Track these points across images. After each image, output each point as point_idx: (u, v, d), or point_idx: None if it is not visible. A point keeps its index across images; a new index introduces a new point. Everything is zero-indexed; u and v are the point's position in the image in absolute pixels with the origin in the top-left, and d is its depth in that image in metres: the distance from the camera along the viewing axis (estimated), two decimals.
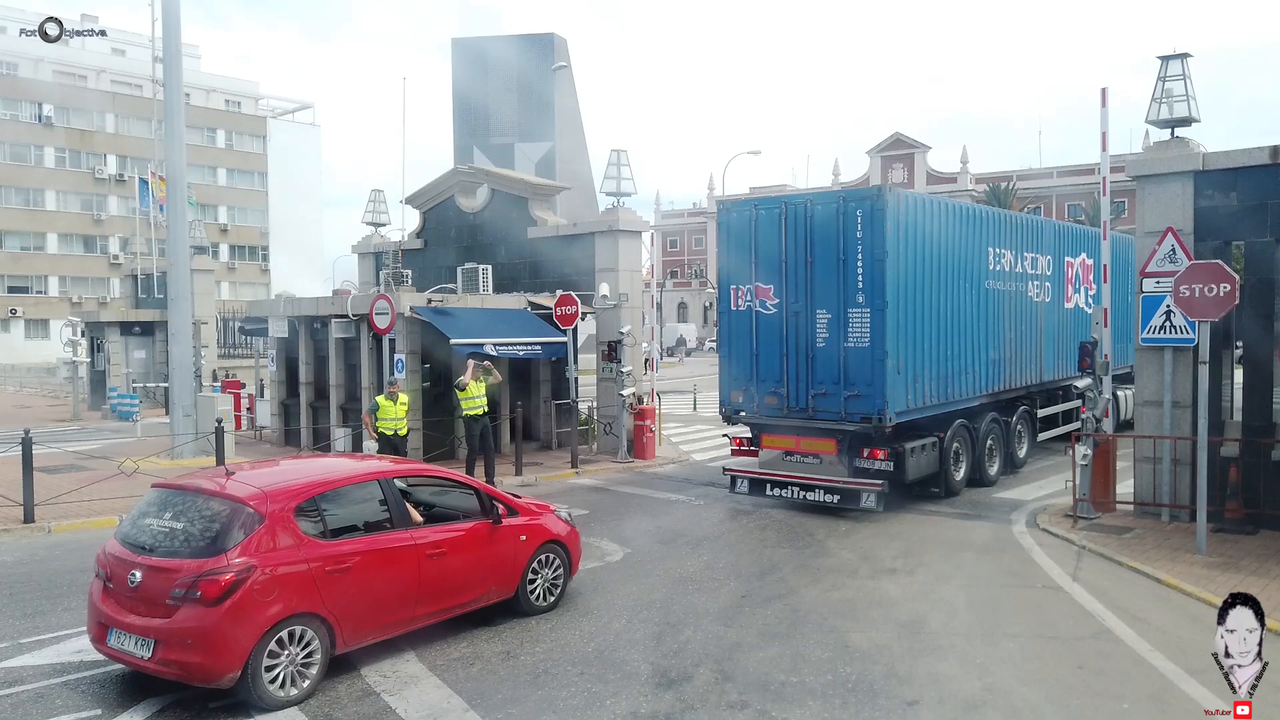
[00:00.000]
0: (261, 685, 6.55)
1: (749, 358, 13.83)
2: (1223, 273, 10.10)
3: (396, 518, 7.73)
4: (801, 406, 13.26)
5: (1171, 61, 12.15)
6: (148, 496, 7.48)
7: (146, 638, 6.51)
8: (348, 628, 7.09)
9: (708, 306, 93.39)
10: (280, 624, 6.65)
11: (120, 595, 6.79)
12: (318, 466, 8.71)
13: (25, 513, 12.48)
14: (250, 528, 6.74)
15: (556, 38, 62.04)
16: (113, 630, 6.75)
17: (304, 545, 6.95)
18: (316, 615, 6.88)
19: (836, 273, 12.84)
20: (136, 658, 6.58)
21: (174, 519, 7.06)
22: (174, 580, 6.52)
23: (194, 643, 6.39)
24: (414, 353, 17.68)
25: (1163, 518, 12.07)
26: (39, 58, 67.50)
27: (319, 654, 6.88)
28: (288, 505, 7.02)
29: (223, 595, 6.43)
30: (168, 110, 18.88)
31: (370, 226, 24.68)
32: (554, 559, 8.93)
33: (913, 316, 12.94)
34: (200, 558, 6.61)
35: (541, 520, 9.00)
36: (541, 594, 8.79)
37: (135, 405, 25.52)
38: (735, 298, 14.05)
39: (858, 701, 6.60)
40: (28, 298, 66.39)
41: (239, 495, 6.98)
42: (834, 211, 12.96)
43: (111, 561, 6.99)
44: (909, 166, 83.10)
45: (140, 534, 7.06)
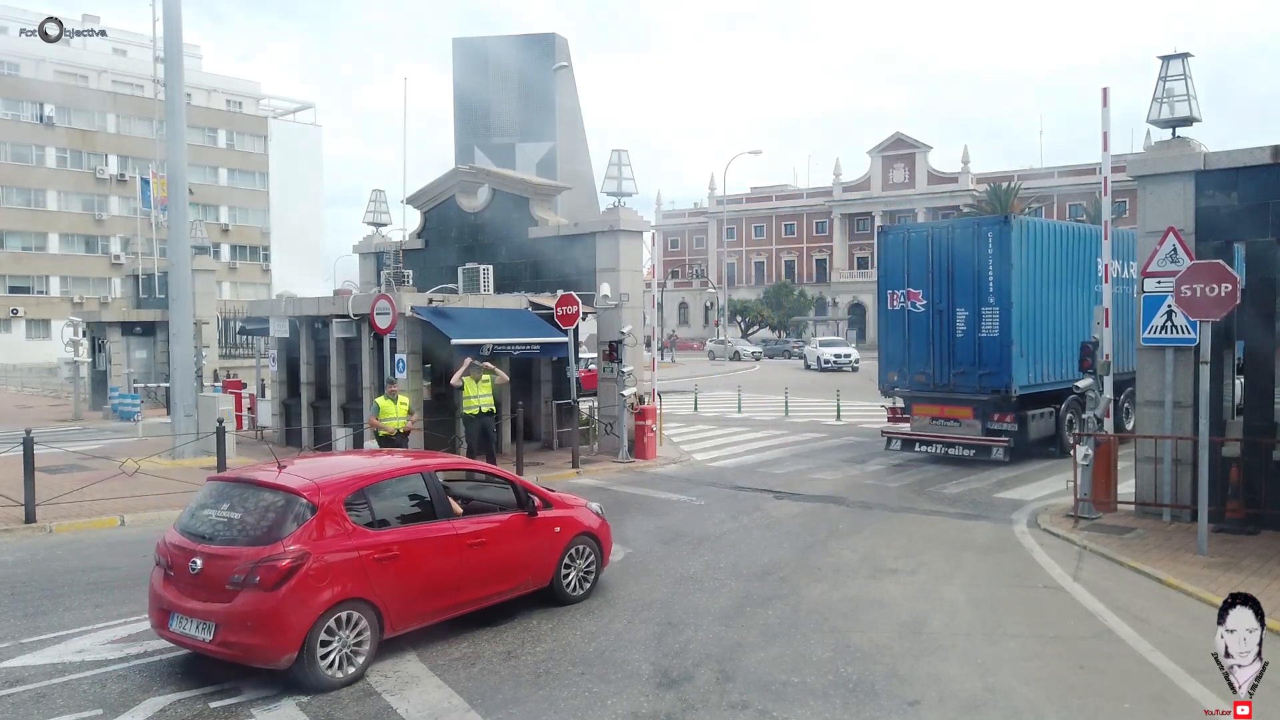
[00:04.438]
0: (316, 666, 6.86)
1: (902, 345, 17.73)
2: (1224, 272, 10.09)
3: (439, 509, 8.09)
4: (945, 382, 17.16)
5: (1172, 61, 12.15)
6: (204, 489, 7.85)
7: (208, 621, 6.82)
8: (395, 613, 7.41)
9: (708, 307, 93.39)
10: (333, 608, 6.97)
11: (181, 582, 7.12)
12: (364, 460, 9.00)
13: (26, 513, 12.48)
14: (304, 518, 7.10)
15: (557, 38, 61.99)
16: (174, 615, 7.06)
17: (353, 534, 7.31)
18: (366, 600, 7.20)
19: (972, 280, 16.59)
20: (198, 640, 6.89)
21: (231, 510, 7.44)
22: (234, 567, 6.85)
23: (253, 626, 6.70)
24: (415, 353, 17.68)
25: (1164, 518, 12.06)
26: (40, 58, 67.55)
27: (369, 637, 7.20)
28: (338, 496, 7.37)
29: (280, 581, 6.75)
30: (169, 110, 18.89)
31: (371, 226, 24.69)
32: (586, 550, 9.25)
33: (1032, 312, 16.46)
34: (258, 545, 6.94)
35: (574, 513, 9.36)
36: (575, 584, 9.10)
37: (136, 405, 25.54)
38: (890, 300, 17.96)
39: (859, 702, 6.60)
40: (29, 298, 66.44)
41: (293, 487, 7.32)
42: (970, 233, 16.93)
43: (172, 550, 7.31)
44: (910, 166, 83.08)
45: (199, 524, 7.43)
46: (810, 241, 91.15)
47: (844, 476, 16.49)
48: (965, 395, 16.90)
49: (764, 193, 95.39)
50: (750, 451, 19.81)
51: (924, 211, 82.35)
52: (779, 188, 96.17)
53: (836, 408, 26.49)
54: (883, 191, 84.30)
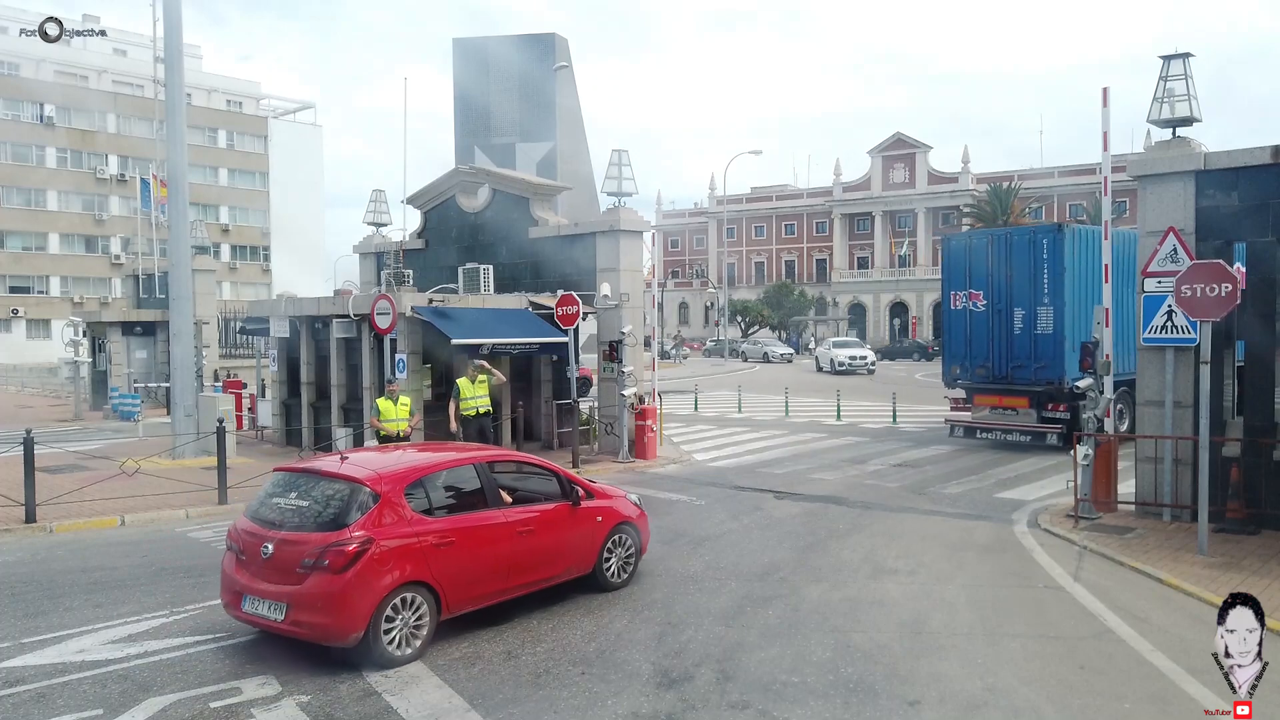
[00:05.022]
0: (380, 645, 7.28)
1: (964, 342, 19.53)
2: (1224, 272, 10.08)
3: (490, 498, 8.53)
4: (1003, 375, 18.92)
5: (1173, 61, 12.14)
6: (272, 479, 8.36)
7: (280, 602, 7.26)
8: (451, 595, 7.84)
9: (708, 307, 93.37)
10: (395, 591, 7.39)
11: (253, 566, 7.55)
12: (420, 452, 9.49)
13: (27, 513, 12.48)
14: (367, 506, 7.53)
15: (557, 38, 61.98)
16: (247, 597, 7.50)
17: (413, 521, 7.72)
18: (425, 583, 7.62)
19: (1029, 282, 18.27)
20: (270, 620, 7.35)
21: (299, 498, 7.92)
22: (304, 551, 7.29)
23: (323, 606, 7.14)
24: (415, 353, 17.68)
25: (1164, 518, 12.06)
26: (40, 58, 67.58)
27: (428, 618, 7.63)
28: (399, 485, 7.81)
29: (348, 564, 7.19)
30: (169, 110, 18.89)
31: (371, 226, 24.69)
32: (626, 539, 9.65)
33: (1083, 311, 17.33)
34: (325, 531, 7.40)
35: (614, 503, 9.75)
36: (616, 571, 9.50)
37: (137, 405, 25.52)
38: (953, 300, 19.90)
39: (859, 701, 6.59)
40: (29, 298, 66.45)
41: (357, 477, 7.77)
42: (1027, 240, 18.67)
43: (243, 536, 7.76)
44: (910, 166, 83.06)
45: (269, 511, 7.87)
46: (810, 241, 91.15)
47: (844, 476, 16.49)
48: (1022, 387, 18.57)
49: (764, 193, 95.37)
50: (750, 451, 19.80)
51: (924, 212, 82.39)
52: (779, 188, 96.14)
53: (836, 408, 26.48)
54: (883, 191, 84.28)
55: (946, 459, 18.39)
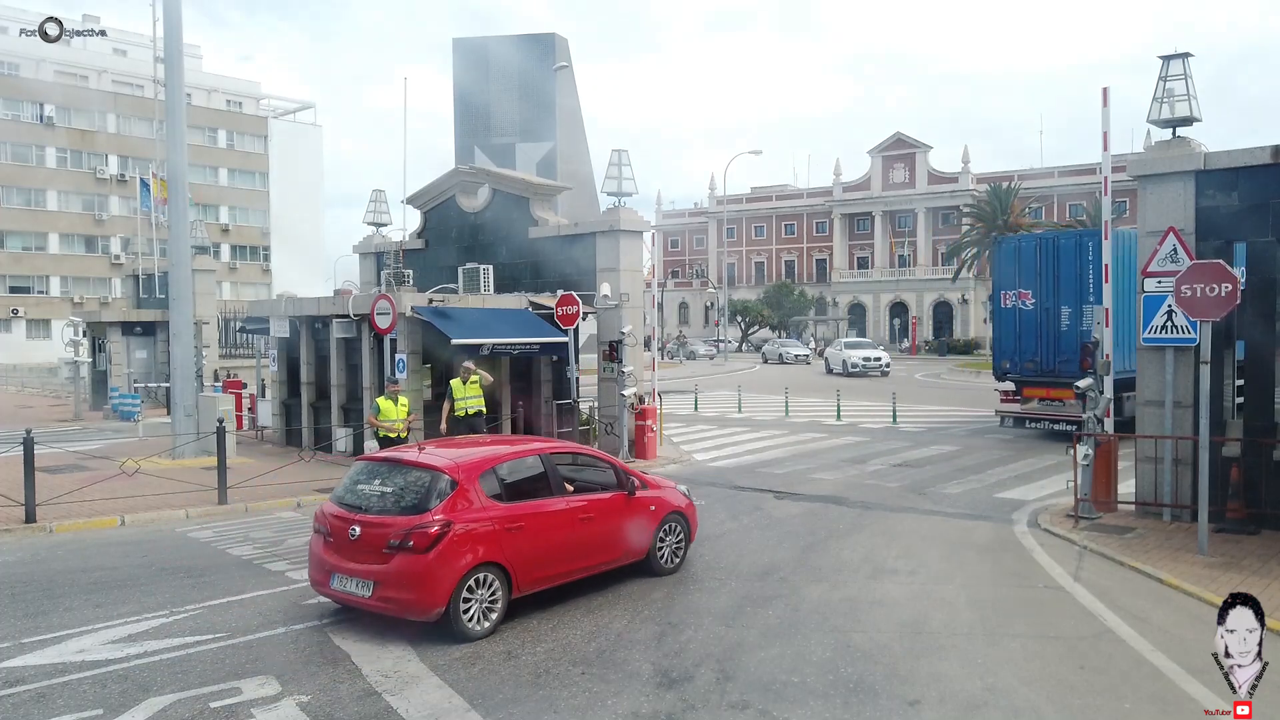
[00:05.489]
0: (459, 620, 7.83)
1: (1014, 338, 20.82)
2: (1224, 272, 10.08)
3: (554, 486, 9.06)
4: (1050, 369, 20.04)
5: (1173, 61, 12.14)
6: (355, 467, 8.99)
7: (367, 580, 7.86)
8: (521, 576, 8.37)
9: (708, 307, 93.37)
10: (472, 570, 7.94)
11: (340, 547, 8.15)
12: (491, 444, 9.98)
13: (27, 513, 12.47)
14: (446, 492, 8.12)
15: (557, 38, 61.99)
16: (335, 575, 8.11)
17: (487, 507, 8.30)
18: (498, 564, 8.17)
19: (1075, 282, 19.34)
20: (358, 596, 7.94)
21: (383, 484, 8.51)
22: (389, 533, 7.89)
23: (408, 583, 7.73)
24: (415, 353, 17.68)
25: (1164, 517, 12.06)
26: (40, 58, 67.59)
27: (501, 597, 8.18)
28: (474, 473, 8.39)
29: (431, 545, 7.77)
30: (169, 110, 18.89)
31: (371, 226, 24.69)
32: (677, 527, 10.21)
33: (1127, 310, 17.23)
34: (409, 515, 7.98)
35: (665, 493, 10.33)
36: (668, 557, 10.05)
37: (137, 405, 25.52)
38: (1003, 299, 21.30)
39: (859, 701, 6.59)
40: (29, 298, 66.45)
41: (437, 465, 8.35)
42: (1074, 243, 19.83)
43: (331, 519, 8.36)
44: (910, 166, 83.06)
45: (354, 497, 8.50)
46: (810, 241, 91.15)
47: (844, 476, 16.48)
48: (1068, 380, 18.70)
49: (764, 193, 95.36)
50: (750, 451, 19.80)
51: (924, 212, 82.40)
52: (779, 188, 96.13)
53: (836, 408, 26.48)
54: (883, 191, 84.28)
55: (946, 459, 18.38)
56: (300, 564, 10.48)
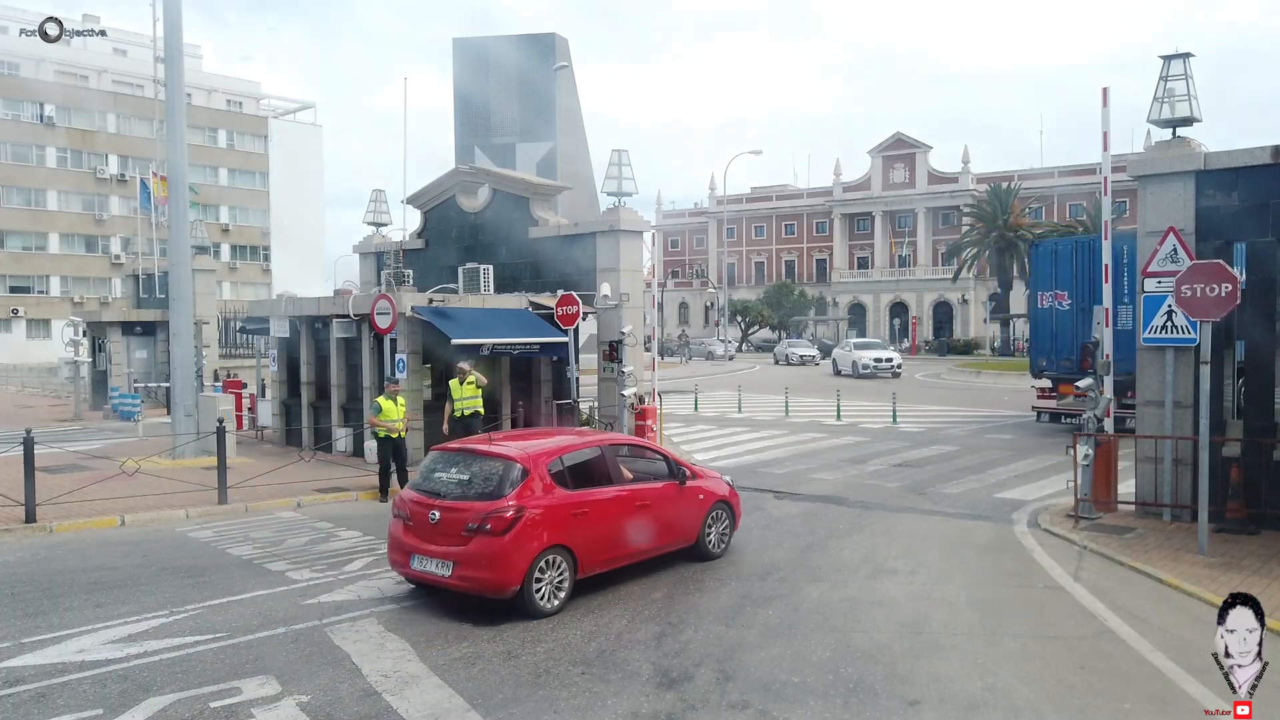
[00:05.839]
0: (532, 598, 8.43)
1: (1050, 337, 21.32)
2: (1224, 273, 10.08)
3: (614, 475, 9.70)
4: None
5: (1173, 61, 12.14)
6: (431, 457, 9.61)
7: (446, 560, 8.46)
8: (585, 558, 8.95)
9: (708, 307, 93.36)
10: (543, 552, 8.53)
11: (420, 530, 8.74)
12: (557, 436, 10.71)
13: (27, 513, 12.47)
14: (519, 479, 8.69)
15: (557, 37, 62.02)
16: (415, 556, 8.70)
17: (555, 494, 8.88)
18: (565, 547, 8.75)
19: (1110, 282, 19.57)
20: (437, 576, 8.55)
21: (459, 473, 9.07)
22: (467, 517, 8.48)
23: (486, 563, 8.32)
24: (415, 353, 17.68)
25: (1164, 518, 12.06)
26: (40, 58, 67.59)
27: (568, 578, 8.78)
28: (543, 463, 8.96)
29: (507, 528, 8.37)
30: (169, 110, 18.88)
31: (372, 226, 24.69)
32: (722, 515, 10.76)
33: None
34: (485, 500, 8.58)
35: (712, 483, 10.86)
36: (715, 543, 10.60)
37: (137, 405, 25.51)
38: (1040, 300, 21.84)
39: (859, 701, 6.59)
40: (29, 297, 66.45)
41: (510, 455, 8.94)
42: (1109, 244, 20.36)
43: (410, 505, 8.95)
44: (910, 166, 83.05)
45: (432, 485, 9.08)
46: (810, 241, 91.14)
47: (844, 476, 16.48)
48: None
49: (764, 193, 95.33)
50: (750, 451, 19.80)
51: (924, 212, 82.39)
52: (779, 188, 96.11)
53: (836, 408, 26.48)
54: (883, 191, 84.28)
55: (946, 459, 18.38)
56: (299, 564, 10.50)
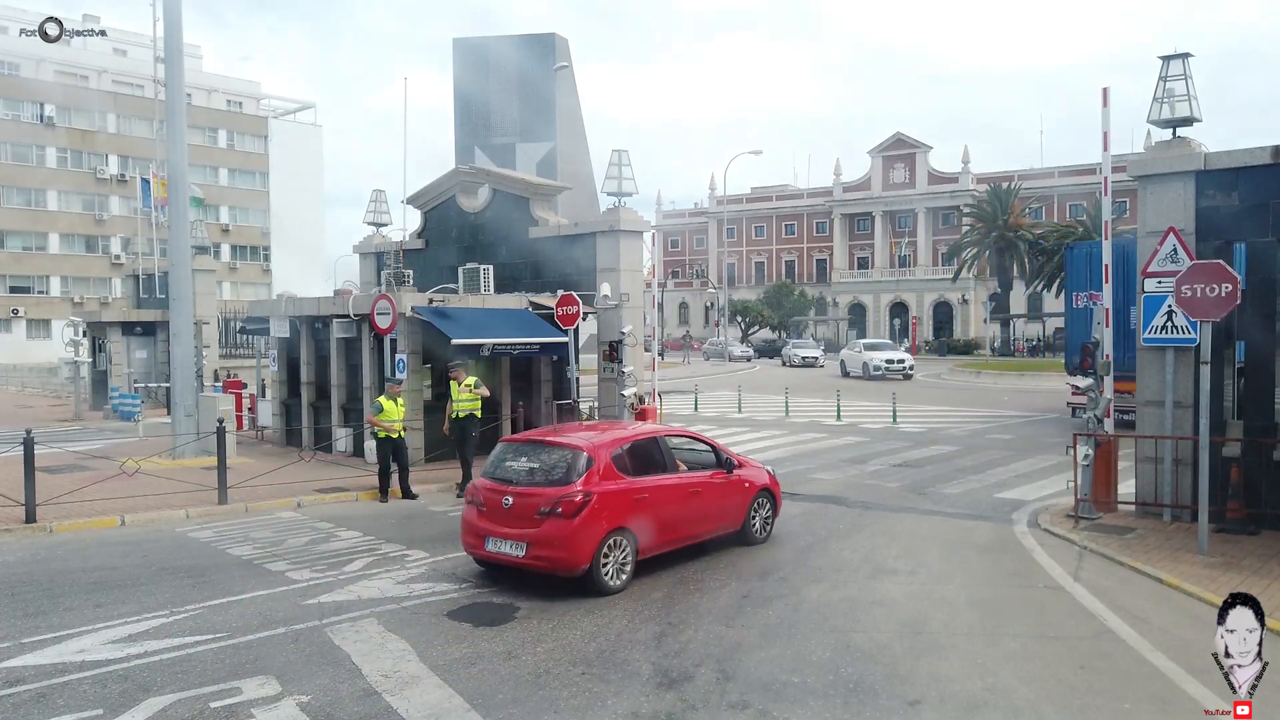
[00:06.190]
0: (599, 576, 9.10)
1: (1085, 336, 21.32)
2: (1224, 273, 10.08)
3: (669, 464, 10.39)
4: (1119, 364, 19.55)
5: (1173, 61, 12.14)
6: (500, 448, 10.26)
7: (520, 542, 9.12)
8: (645, 541, 9.61)
9: (708, 307, 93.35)
10: (609, 534, 9.19)
11: (494, 515, 9.40)
12: (618, 428, 11.40)
13: (27, 513, 12.47)
14: (586, 467, 9.33)
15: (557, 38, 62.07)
16: (489, 539, 9.36)
17: (618, 481, 9.53)
18: (628, 529, 9.41)
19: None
20: (511, 556, 9.22)
21: (529, 461, 9.78)
22: (539, 502, 9.15)
23: (558, 544, 8.97)
24: (415, 353, 17.68)
25: (1164, 518, 12.06)
26: (40, 58, 67.60)
27: (630, 559, 9.45)
28: (607, 452, 9.63)
29: (576, 511, 9.02)
30: (169, 110, 18.88)
31: (372, 226, 24.69)
32: (765, 503, 11.43)
33: None
34: (556, 486, 9.23)
35: (755, 472, 11.48)
36: (759, 529, 11.32)
37: (137, 405, 25.52)
38: (1075, 300, 22.78)
39: (859, 701, 6.59)
40: (29, 298, 66.47)
41: (577, 444, 9.63)
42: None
43: (484, 492, 9.62)
44: (910, 166, 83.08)
45: (503, 472, 9.76)
46: (810, 241, 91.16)
47: (844, 476, 16.48)
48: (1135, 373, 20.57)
49: (764, 193, 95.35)
50: (750, 451, 19.74)
51: (924, 212, 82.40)
52: (779, 188, 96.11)
53: (837, 408, 26.48)
54: (883, 191, 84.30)
55: (946, 459, 18.39)
56: (299, 564, 10.51)
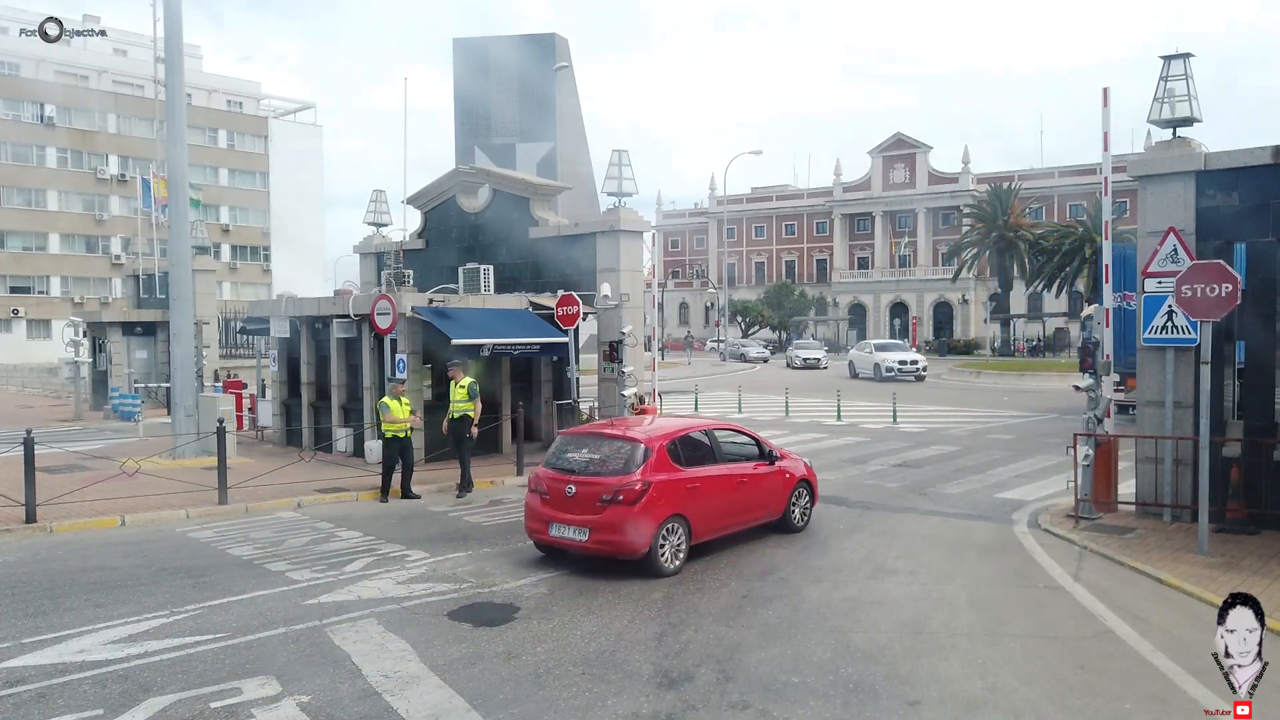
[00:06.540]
0: (657, 559, 9.75)
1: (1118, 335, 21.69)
2: (1224, 273, 10.07)
3: (718, 455, 11.03)
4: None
5: (1173, 61, 12.13)
6: (561, 440, 11.03)
7: (583, 527, 9.80)
8: (698, 527, 10.28)
9: (708, 307, 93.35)
10: (666, 521, 9.83)
11: (557, 502, 10.08)
12: (671, 420, 12.46)
13: (27, 513, 12.47)
14: (644, 458, 9.97)
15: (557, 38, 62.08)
16: (553, 524, 10.03)
17: (674, 470, 10.16)
18: (683, 517, 10.07)
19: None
20: (574, 540, 9.90)
21: (590, 452, 10.40)
22: (601, 490, 9.81)
23: (619, 529, 9.61)
24: (415, 353, 17.68)
25: (1164, 518, 12.06)
26: (41, 58, 67.61)
27: (685, 544, 10.11)
28: (664, 443, 10.28)
29: (637, 498, 9.68)
30: (169, 110, 18.88)
31: (372, 226, 24.69)
32: (804, 493, 12.13)
33: None
34: (617, 476, 9.87)
35: (795, 464, 12.13)
36: (799, 517, 11.99)
37: (137, 405, 25.51)
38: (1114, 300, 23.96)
39: (859, 702, 6.59)
40: (30, 298, 66.47)
41: (635, 437, 10.29)
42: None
43: (547, 481, 10.27)
44: (910, 167, 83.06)
45: (564, 463, 10.42)
46: (811, 242, 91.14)
47: (844, 476, 16.48)
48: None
49: (764, 193, 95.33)
50: None
51: (924, 212, 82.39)
52: (779, 188, 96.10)
53: (837, 408, 26.48)
54: (883, 191, 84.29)
55: (946, 459, 18.39)
56: (300, 564, 10.51)
